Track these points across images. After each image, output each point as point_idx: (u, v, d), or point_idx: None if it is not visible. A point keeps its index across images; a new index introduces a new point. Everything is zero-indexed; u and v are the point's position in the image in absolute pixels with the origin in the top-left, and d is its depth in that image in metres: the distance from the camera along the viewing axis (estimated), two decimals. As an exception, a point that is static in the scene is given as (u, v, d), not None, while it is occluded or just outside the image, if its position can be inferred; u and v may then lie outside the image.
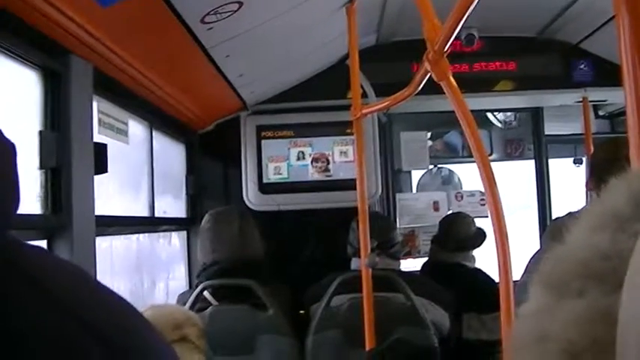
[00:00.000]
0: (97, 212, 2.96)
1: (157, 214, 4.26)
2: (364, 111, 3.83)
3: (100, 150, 3.02)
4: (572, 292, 0.67)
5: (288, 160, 5.30)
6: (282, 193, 5.26)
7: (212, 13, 2.98)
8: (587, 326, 0.63)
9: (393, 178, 6.43)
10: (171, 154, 4.82)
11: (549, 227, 3.09)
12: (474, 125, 2.29)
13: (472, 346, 4.72)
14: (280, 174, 5.29)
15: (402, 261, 4.53)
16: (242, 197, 5.26)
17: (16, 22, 2.34)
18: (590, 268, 0.66)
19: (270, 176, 5.29)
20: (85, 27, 2.60)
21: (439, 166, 6.87)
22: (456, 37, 2.10)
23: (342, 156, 5.29)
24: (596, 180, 3.08)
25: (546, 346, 0.66)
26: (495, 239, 2.22)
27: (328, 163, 5.29)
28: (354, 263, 4.27)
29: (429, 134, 6.52)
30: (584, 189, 3.21)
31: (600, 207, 0.72)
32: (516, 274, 2.28)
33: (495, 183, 2.22)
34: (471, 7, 1.84)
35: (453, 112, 2.24)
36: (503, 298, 2.22)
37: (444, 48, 2.19)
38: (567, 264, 0.70)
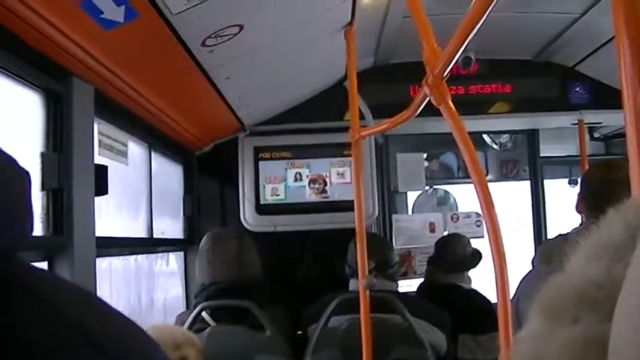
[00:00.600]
0: (97, 233, 2.97)
1: (154, 235, 4.27)
2: (363, 133, 3.85)
3: (101, 171, 3.03)
4: (567, 319, 0.68)
5: (285, 181, 5.31)
6: (279, 214, 5.28)
7: (213, 36, 3.00)
8: (581, 352, 0.65)
9: (389, 199, 6.46)
10: (169, 175, 4.83)
11: (540, 249, 3.11)
12: (472, 148, 2.31)
13: (468, 366, 4.73)
14: (277, 195, 5.31)
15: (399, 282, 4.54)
16: (239, 218, 5.27)
17: (19, 44, 2.36)
18: (585, 296, 0.68)
19: (268, 197, 5.30)
20: (88, 49, 2.62)
21: (435, 187, 6.89)
22: (453, 60, 2.13)
23: (339, 177, 5.31)
24: (587, 203, 3.09)
25: None
26: (493, 260, 2.23)
27: (325, 185, 5.31)
28: (352, 284, 4.27)
29: (424, 155, 6.55)
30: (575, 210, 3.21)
31: (597, 237, 0.74)
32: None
33: (493, 204, 2.23)
34: (472, 34, 1.86)
35: (449, 133, 2.27)
36: (501, 318, 2.22)
37: (444, 73, 2.21)
38: (564, 291, 0.72)
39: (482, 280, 5.31)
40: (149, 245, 4.34)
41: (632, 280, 0.59)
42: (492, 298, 5.03)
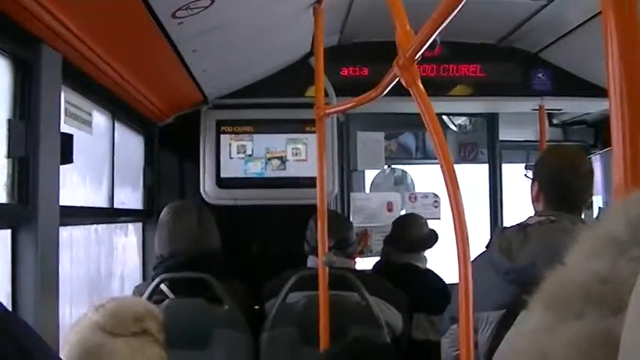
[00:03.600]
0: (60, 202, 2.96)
1: (115, 205, 4.25)
2: (328, 111, 3.87)
3: (66, 140, 3.01)
4: (572, 314, 0.70)
5: (245, 154, 5.30)
6: (239, 188, 5.27)
7: (184, 8, 2.98)
8: (586, 348, 0.66)
9: (348, 178, 6.48)
10: (130, 146, 4.80)
11: (498, 238, 3.02)
12: (440, 130, 2.34)
13: (421, 346, 4.78)
14: (238, 168, 5.30)
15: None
16: (199, 191, 5.26)
17: (-11, 9, 2.34)
18: (590, 292, 0.69)
19: (228, 170, 5.29)
20: (58, 16, 2.59)
21: (393, 166, 6.92)
22: (419, 42, 2.15)
23: (299, 154, 5.32)
24: (544, 192, 3.06)
25: None
26: (456, 241, 2.25)
27: (285, 160, 5.31)
28: (311, 261, 4.29)
29: (383, 134, 6.57)
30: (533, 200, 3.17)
31: (598, 231, 0.75)
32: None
33: (458, 186, 2.26)
34: (447, 20, 1.88)
35: (409, 114, 2.30)
36: (462, 299, 2.25)
37: (415, 55, 2.23)
38: (567, 286, 0.73)
39: (437, 261, 5.38)
40: (110, 215, 4.31)
41: None
42: (447, 278, 5.12)
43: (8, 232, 2.69)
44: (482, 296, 2.99)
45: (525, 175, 4.96)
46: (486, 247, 3.16)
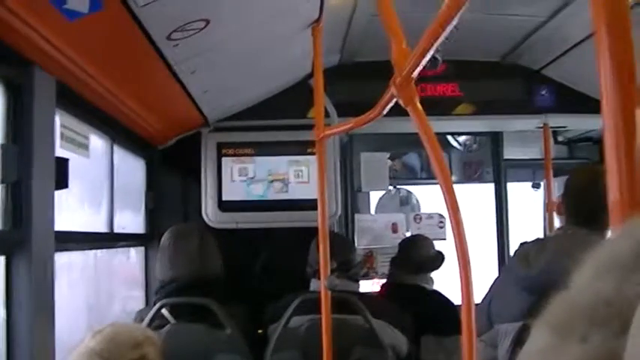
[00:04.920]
0: (57, 227, 2.93)
1: (115, 230, 4.22)
2: (327, 132, 3.83)
3: (61, 164, 2.99)
4: (576, 336, 0.68)
5: (247, 177, 5.28)
6: (241, 212, 5.25)
7: (179, 30, 2.97)
8: None
9: (352, 199, 6.46)
10: (131, 169, 4.79)
11: (517, 252, 3.15)
12: (439, 149, 2.30)
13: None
14: (239, 192, 5.28)
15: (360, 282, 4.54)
16: (200, 214, 5.23)
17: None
18: (594, 314, 0.68)
19: (230, 193, 5.27)
20: (50, 39, 2.57)
21: (398, 187, 6.89)
22: (419, 59, 2.12)
23: (301, 176, 5.30)
24: (568, 206, 3.14)
25: None
26: (458, 262, 2.22)
27: (287, 183, 5.29)
28: (313, 284, 4.25)
29: (388, 155, 6.55)
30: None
31: (605, 253, 0.73)
32: (476, 297, 2.29)
33: (458, 206, 2.22)
34: (442, 36, 1.85)
35: (413, 133, 2.25)
36: (465, 321, 2.21)
37: (412, 74, 2.19)
38: (572, 308, 0.72)
39: (443, 281, 5.34)
40: (109, 240, 4.31)
41: None
42: (456, 300, 5.08)
43: (2, 258, 2.66)
44: (502, 308, 3.07)
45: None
46: (508, 263, 3.33)
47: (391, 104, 2.54)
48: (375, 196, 6.86)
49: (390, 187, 6.74)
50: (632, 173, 1.00)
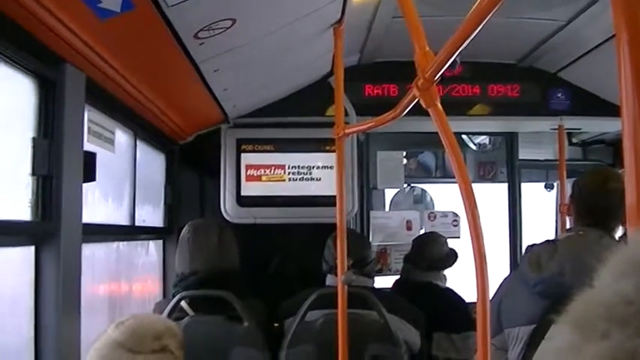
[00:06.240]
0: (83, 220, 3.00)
1: (136, 223, 4.29)
2: (347, 131, 3.88)
3: (89, 158, 3.05)
4: (597, 334, 0.72)
5: (266, 174, 5.33)
6: (259, 207, 5.30)
7: (206, 29, 3.02)
8: None
9: (368, 196, 6.50)
10: (152, 164, 4.85)
11: (528, 254, 3.11)
12: (458, 149, 2.35)
13: (441, 365, 4.79)
14: (258, 187, 5.33)
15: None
16: (219, 209, 5.29)
17: (15, 30, 2.37)
18: (615, 313, 0.71)
19: (248, 189, 5.32)
20: (83, 37, 2.64)
21: (412, 185, 6.93)
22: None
23: (319, 172, 5.34)
24: (578, 208, 3.15)
25: None
26: (475, 261, 2.26)
27: (306, 180, 5.33)
28: (330, 279, 4.30)
29: (404, 153, 6.58)
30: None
31: (625, 254, 0.77)
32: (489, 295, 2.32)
33: (476, 205, 2.27)
34: (467, 42, 1.90)
35: (429, 133, 2.31)
36: (480, 319, 2.25)
37: (435, 76, 2.24)
38: (593, 307, 0.75)
39: (456, 279, 5.38)
40: (131, 233, 4.36)
41: None
42: (469, 298, 5.12)
43: (32, 248, 2.72)
44: (513, 311, 3.04)
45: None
46: (518, 265, 3.25)
47: (412, 105, 2.59)
48: (389, 194, 6.90)
49: (405, 185, 6.77)
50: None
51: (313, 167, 5.34)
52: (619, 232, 3.04)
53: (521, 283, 3.05)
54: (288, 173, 5.34)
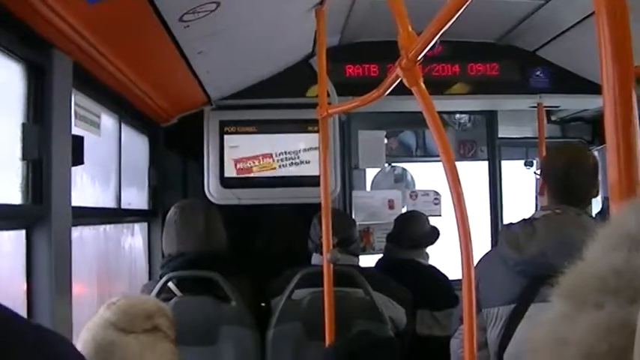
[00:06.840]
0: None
1: (122, 206, 4.31)
2: (330, 111, 3.91)
3: (77, 142, 3.07)
4: (591, 304, 0.76)
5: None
6: (242, 188, 5.32)
7: (191, 12, 3.04)
8: (605, 334, 0.73)
9: (350, 176, 6.52)
10: (136, 147, 4.86)
11: (505, 234, 3.10)
12: (442, 128, 2.41)
13: (425, 341, 4.84)
14: (242, 168, 5.34)
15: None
16: (203, 190, 5.31)
17: (4, 15, 2.38)
18: (607, 283, 0.76)
19: (232, 170, 5.34)
20: (70, 22, 2.64)
21: (393, 164, 6.96)
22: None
23: (302, 153, 5.36)
24: (552, 185, 3.14)
25: (567, 349, 0.76)
26: (459, 238, 2.31)
27: (288, 160, 5.35)
28: (315, 258, 4.35)
29: (385, 133, 6.61)
30: (536, 194, 3.26)
31: (614, 228, 0.82)
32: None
33: (460, 183, 2.32)
34: (449, 23, 1.95)
35: (409, 112, 2.36)
36: (466, 294, 2.31)
37: (418, 57, 2.29)
38: (586, 279, 0.80)
39: (438, 257, 5.44)
40: (117, 216, 4.39)
41: None
42: (449, 274, 5.19)
43: (23, 232, 2.75)
44: (491, 291, 3.06)
45: (535, 172, 5.02)
46: (495, 244, 3.22)
47: (395, 84, 2.64)
48: (370, 174, 6.93)
49: (385, 165, 6.80)
50: (631, 152, 1.08)
51: (300, 151, 5.35)
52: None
53: (500, 263, 3.06)
54: (277, 161, 5.35)
